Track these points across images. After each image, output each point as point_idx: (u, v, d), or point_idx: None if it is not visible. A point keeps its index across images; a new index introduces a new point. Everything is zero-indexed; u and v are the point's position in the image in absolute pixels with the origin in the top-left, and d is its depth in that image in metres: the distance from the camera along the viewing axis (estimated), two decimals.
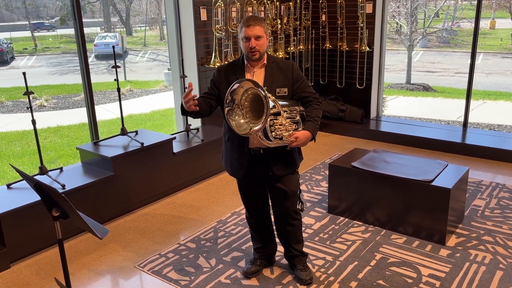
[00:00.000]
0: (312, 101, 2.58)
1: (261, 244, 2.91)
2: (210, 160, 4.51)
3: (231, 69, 2.59)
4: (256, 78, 2.54)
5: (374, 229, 3.42)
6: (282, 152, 2.57)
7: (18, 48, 21.52)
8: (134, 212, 3.86)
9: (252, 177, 2.67)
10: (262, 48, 2.47)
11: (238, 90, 2.29)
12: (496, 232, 3.34)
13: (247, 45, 2.45)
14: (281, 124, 2.41)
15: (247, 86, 2.27)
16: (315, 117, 2.54)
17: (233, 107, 2.32)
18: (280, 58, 2.62)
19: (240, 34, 2.49)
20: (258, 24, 2.44)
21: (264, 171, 2.62)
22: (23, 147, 7.81)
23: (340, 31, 5.93)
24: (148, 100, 11.93)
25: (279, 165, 2.60)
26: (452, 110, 9.97)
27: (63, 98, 12.19)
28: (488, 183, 4.22)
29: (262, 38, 2.46)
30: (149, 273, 2.94)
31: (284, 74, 2.54)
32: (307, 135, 2.48)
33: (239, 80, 2.29)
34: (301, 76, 2.58)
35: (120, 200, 3.73)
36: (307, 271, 2.82)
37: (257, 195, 2.77)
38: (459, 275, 2.82)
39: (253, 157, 2.59)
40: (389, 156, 3.68)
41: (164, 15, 4.97)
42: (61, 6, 25.16)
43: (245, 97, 2.30)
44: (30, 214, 3.13)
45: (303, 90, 2.57)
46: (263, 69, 2.55)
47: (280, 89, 2.53)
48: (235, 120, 2.32)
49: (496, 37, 20.76)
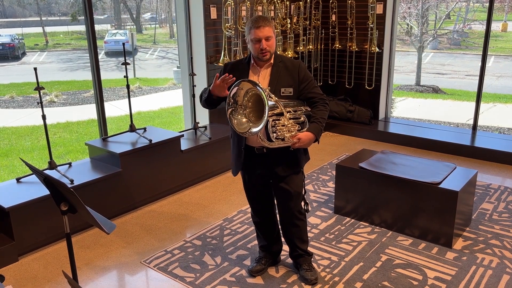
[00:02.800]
0: (318, 102, 2.56)
1: (266, 243, 2.91)
2: (217, 158, 4.52)
3: (236, 67, 2.60)
4: (262, 78, 2.53)
5: (381, 230, 3.41)
6: (285, 152, 2.56)
7: (30, 44, 21.71)
8: (141, 208, 3.88)
9: (256, 176, 2.68)
10: (272, 48, 2.48)
11: (239, 92, 2.29)
12: (503, 236, 3.31)
13: (258, 46, 2.43)
14: (283, 124, 2.40)
15: (247, 87, 2.27)
16: (319, 119, 2.52)
17: (236, 108, 2.32)
18: (288, 57, 2.62)
19: (249, 36, 2.47)
20: (267, 25, 2.43)
21: (267, 171, 2.62)
22: (33, 142, 7.89)
23: (350, 31, 5.91)
24: (156, 97, 11.98)
25: (282, 165, 2.59)
26: (461, 112, 9.89)
27: (73, 94, 12.28)
28: (496, 187, 4.19)
29: (271, 38, 2.46)
30: (155, 269, 2.96)
31: (291, 74, 2.53)
32: (310, 136, 2.48)
33: (237, 83, 2.29)
34: (308, 76, 2.56)
35: (127, 196, 3.76)
36: (312, 271, 2.82)
37: (262, 194, 2.77)
38: (465, 278, 2.81)
39: (256, 156, 2.58)
40: (396, 157, 3.66)
41: (174, 13, 4.99)
42: (72, 2, 25.34)
43: (248, 98, 2.31)
44: (39, 208, 3.17)
45: (310, 90, 2.56)
46: (269, 69, 2.55)
47: (285, 89, 2.51)
48: (237, 118, 2.33)
49: (508, 39, 20.54)
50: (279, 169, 2.60)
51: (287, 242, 2.88)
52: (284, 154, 2.57)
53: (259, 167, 2.63)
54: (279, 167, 2.59)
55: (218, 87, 2.42)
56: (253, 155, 2.59)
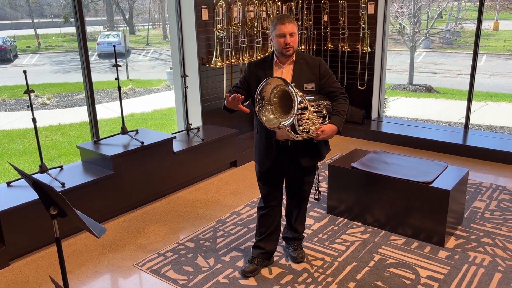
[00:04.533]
0: (339, 95, 2.71)
1: (260, 237, 2.93)
2: (210, 159, 4.51)
3: (261, 65, 2.72)
4: (285, 74, 2.67)
5: (373, 230, 3.41)
6: (309, 144, 2.70)
7: (21, 46, 21.56)
8: (134, 211, 3.86)
9: (278, 167, 2.79)
10: (295, 44, 2.61)
11: (266, 87, 2.44)
12: (495, 234, 3.33)
13: (282, 41, 2.57)
14: (308, 118, 2.55)
15: (276, 83, 2.42)
16: (340, 111, 2.67)
17: (263, 104, 2.47)
18: (308, 55, 2.79)
19: (273, 32, 2.61)
20: (292, 22, 2.59)
21: (290, 162, 2.76)
22: (25, 145, 7.84)
23: (342, 31, 5.92)
24: (150, 99, 11.94)
25: (306, 157, 2.75)
26: (454, 111, 9.95)
27: (65, 96, 12.22)
28: (488, 185, 4.21)
29: (295, 35, 2.60)
30: (147, 272, 2.95)
31: (312, 70, 2.67)
32: (333, 128, 2.62)
33: (267, 78, 2.44)
34: (328, 72, 2.70)
35: (119, 199, 3.74)
36: (300, 250, 3.03)
37: (277, 185, 2.89)
38: (457, 277, 2.82)
39: (281, 149, 2.71)
40: (389, 157, 3.67)
41: (167, 14, 4.98)
42: (64, 4, 25.21)
43: (274, 94, 2.45)
44: (30, 212, 3.14)
45: (330, 85, 2.70)
46: (292, 65, 2.67)
47: (307, 84, 2.65)
48: (265, 115, 2.48)
49: (499, 38, 20.68)
50: (303, 161, 2.74)
51: (286, 220, 3.07)
52: (308, 146, 2.71)
53: (282, 159, 2.75)
54: (303, 159, 2.74)
55: (231, 104, 2.57)
56: (281, 148, 2.72)
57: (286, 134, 2.61)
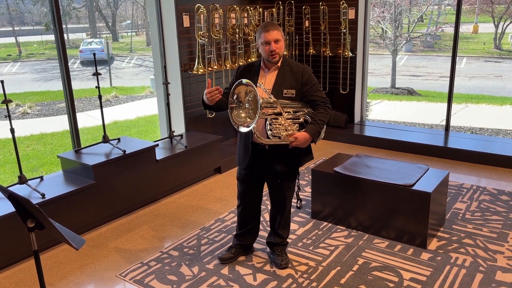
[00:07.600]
0: (320, 105, 2.72)
1: (240, 231, 3.09)
2: (194, 166, 4.49)
3: (248, 69, 2.80)
4: (269, 79, 2.73)
5: (357, 233, 3.43)
6: (287, 150, 2.72)
7: (2, 54, 21.23)
8: (116, 220, 3.82)
9: (254, 169, 2.85)
10: (281, 50, 2.67)
11: (240, 89, 2.50)
12: (476, 235, 3.38)
13: (268, 48, 2.64)
14: (280, 123, 2.58)
15: (244, 88, 2.48)
16: (318, 120, 2.68)
17: (239, 105, 2.53)
18: (295, 62, 2.82)
19: (259, 40, 2.68)
20: (276, 29, 2.65)
21: (266, 166, 2.80)
22: (5, 155, 7.69)
23: (323, 36, 5.97)
24: (133, 106, 11.85)
25: (282, 162, 2.78)
26: (436, 113, 10.09)
27: (47, 105, 12.04)
28: (469, 186, 4.27)
29: (280, 41, 2.66)
30: (131, 283, 2.91)
31: (295, 77, 2.70)
32: (306, 136, 2.63)
33: (237, 83, 2.50)
34: (311, 80, 2.72)
35: (101, 209, 3.69)
36: (284, 256, 3.04)
37: (255, 187, 2.95)
38: (439, 278, 2.85)
39: (258, 151, 2.76)
40: (371, 160, 3.70)
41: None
42: (46, 12, 24.92)
43: (249, 98, 2.51)
44: (8, 224, 3.07)
45: (312, 93, 2.72)
46: (276, 71, 2.73)
47: (287, 90, 2.69)
48: (238, 112, 2.54)
49: (479, 41, 21.10)
50: (278, 166, 2.78)
51: (270, 227, 3.10)
52: (285, 152, 2.74)
53: (258, 161, 2.80)
54: (278, 164, 2.78)
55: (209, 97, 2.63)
56: (257, 151, 2.77)
57: (256, 137, 2.65)
